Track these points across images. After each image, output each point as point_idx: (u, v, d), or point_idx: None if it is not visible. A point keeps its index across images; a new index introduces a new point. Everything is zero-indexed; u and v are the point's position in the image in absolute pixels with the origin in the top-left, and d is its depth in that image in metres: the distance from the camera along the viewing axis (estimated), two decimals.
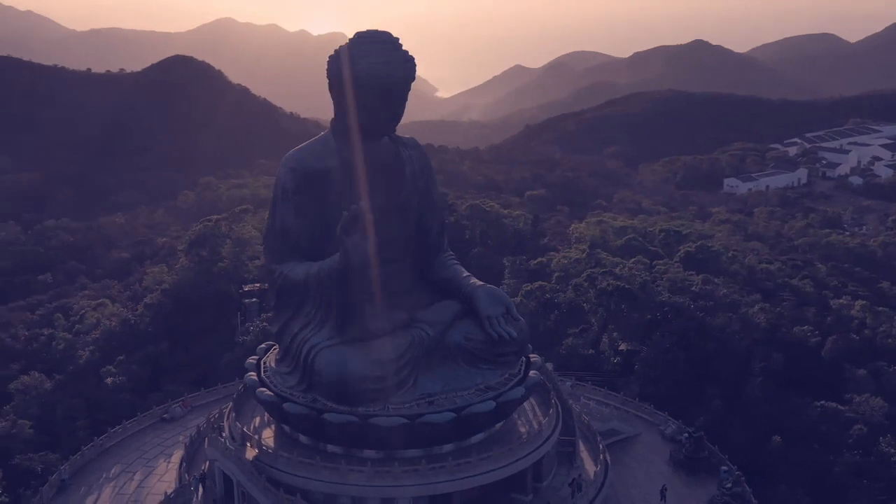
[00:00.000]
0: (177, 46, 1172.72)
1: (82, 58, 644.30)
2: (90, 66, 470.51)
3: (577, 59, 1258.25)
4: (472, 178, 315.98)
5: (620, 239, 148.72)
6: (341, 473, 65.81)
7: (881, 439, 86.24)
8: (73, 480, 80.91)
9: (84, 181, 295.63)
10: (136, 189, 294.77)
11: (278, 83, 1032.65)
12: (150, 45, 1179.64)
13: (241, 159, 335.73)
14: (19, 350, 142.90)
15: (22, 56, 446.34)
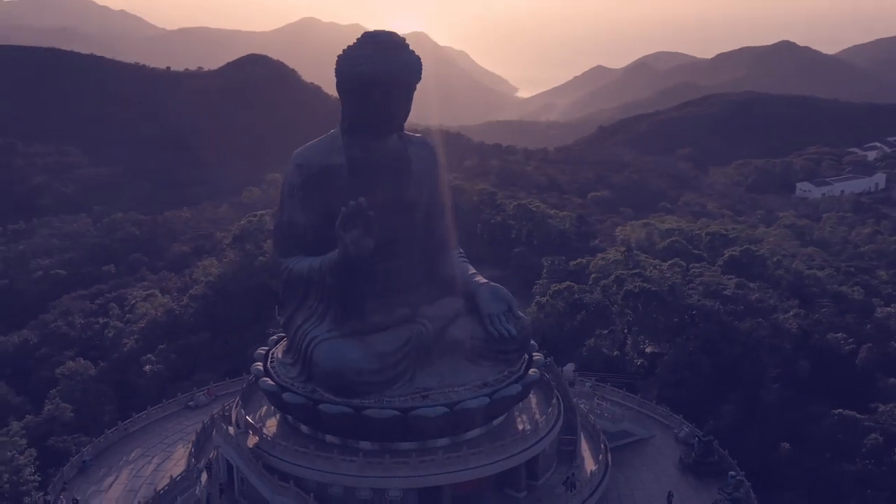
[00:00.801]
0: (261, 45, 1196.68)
1: (170, 56, 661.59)
2: (178, 64, 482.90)
3: (660, 59, 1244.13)
4: (535, 178, 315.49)
5: (665, 241, 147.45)
6: (334, 463, 67.41)
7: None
8: (95, 462, 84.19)
9: (157, 176, 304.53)
10: (205, 184, 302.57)
11: None
12: (236, 44, 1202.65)
13: None
14: (74, 337, 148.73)
15: (114, 54, 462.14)
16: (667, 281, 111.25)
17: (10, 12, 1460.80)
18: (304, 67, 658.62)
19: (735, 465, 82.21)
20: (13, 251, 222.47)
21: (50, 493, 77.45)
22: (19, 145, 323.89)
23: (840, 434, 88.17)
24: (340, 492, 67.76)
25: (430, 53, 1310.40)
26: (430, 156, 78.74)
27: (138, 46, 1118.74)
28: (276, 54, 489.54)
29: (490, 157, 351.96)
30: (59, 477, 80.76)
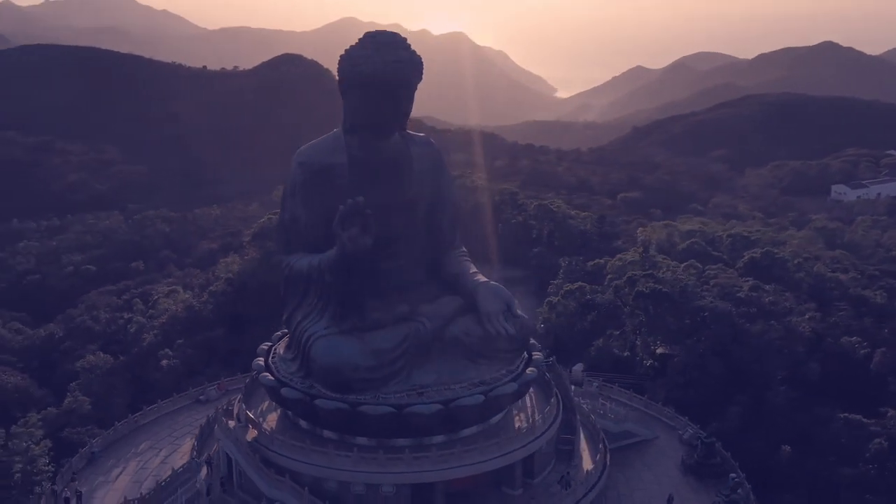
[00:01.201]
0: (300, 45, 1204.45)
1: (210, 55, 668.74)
2: (218, 63, 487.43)
3: (700, 60, 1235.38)
4: (565, 178, 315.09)
5: (684, 243, 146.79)
6: (329, 458, 68.24)
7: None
8: (104, 453, 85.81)
9: (190, 174, 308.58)
10: (237, 182, 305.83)
11: None
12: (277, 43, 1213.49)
13: None
14: (99, 332, 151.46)
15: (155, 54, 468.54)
16: (680, 282, 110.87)
17: (55, 12, 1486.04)
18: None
19: (737, 466, 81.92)
20: (46, 247, 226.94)
21: (58, 484, 79.03)
22: (57, 143, 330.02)
23: (844, 438, 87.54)
24: (335, 486, 68.53)
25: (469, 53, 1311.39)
26: (432, 155, 79.45)
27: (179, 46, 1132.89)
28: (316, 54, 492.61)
29: (521, 157, 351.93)
30: (67, 468, 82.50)
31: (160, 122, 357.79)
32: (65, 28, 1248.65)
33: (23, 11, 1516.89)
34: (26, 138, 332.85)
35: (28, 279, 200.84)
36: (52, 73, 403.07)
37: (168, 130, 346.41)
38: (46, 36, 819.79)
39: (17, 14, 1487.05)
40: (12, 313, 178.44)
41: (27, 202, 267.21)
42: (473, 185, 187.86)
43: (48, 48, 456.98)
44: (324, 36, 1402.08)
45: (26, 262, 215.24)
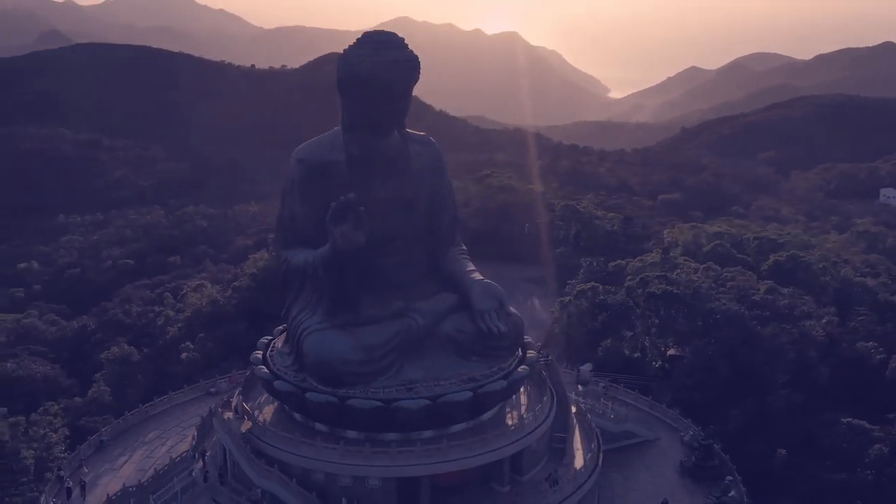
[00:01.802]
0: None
1: (264, 54, 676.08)
2: (272, 62, 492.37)
3: (757, 60, 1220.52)
4: (605, 179, 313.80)
5: (709, 245, 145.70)
6: (317, 450, 69.52)
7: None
8: (113, 442, 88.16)
9: (232, 171, 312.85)
10: (278, 180, 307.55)
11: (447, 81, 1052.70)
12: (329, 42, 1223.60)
13: None
14: (130, 324, 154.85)
15: (210, 53, 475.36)
16: (693, 284, 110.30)
17: (114, 12, 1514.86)
18: None
19: (733, 469, 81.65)
20: (88, 241, 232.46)
21: (64, 470, 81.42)
22: (105, 140, 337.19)
23: (846, 443, 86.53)
24: (322, 478, 69.74)
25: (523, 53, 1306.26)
26: (431, 154, 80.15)
27: (235, 45, 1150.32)
28: None
29: (563, 158, 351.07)
30: (75, 454, 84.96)
31: (205, 120, 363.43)
32: (123, 27, 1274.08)
33: (84, 11, 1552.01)
34: (76, 135, 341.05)
35: (69, 273, 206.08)
36: (103, 70, 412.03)
37: (212, 128, 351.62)
38: (105, 35, 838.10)
39: (78, 13, 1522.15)
40: (51, 305, 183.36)
41: (74, 198, 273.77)
42: (501, 185, 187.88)
43: (100, 47, 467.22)
44: None
45: (68, 256, 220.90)
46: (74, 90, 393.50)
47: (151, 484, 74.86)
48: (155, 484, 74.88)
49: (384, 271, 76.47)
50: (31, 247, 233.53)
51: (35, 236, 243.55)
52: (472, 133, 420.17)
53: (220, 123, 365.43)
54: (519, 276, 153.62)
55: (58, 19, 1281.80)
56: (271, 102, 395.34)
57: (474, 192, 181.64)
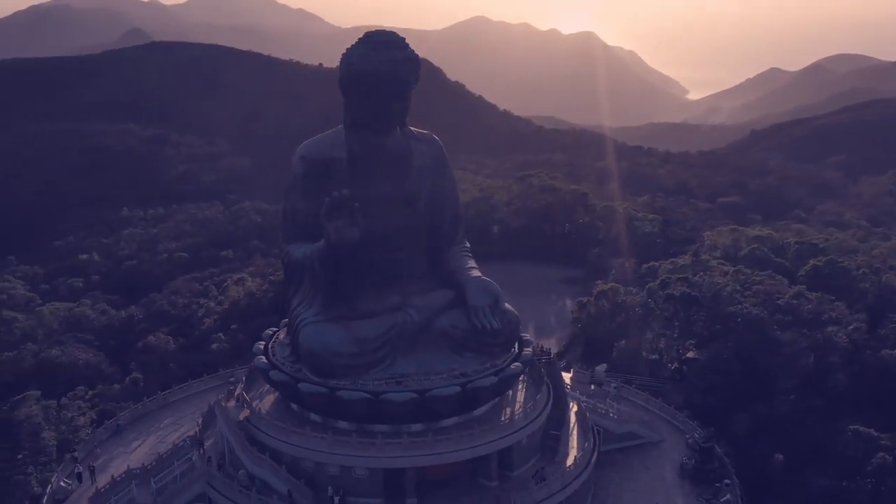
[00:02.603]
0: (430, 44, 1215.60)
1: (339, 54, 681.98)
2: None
3: (839, 62, 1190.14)
4: (664, 181, 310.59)
5: (746, 248, 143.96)
6: (306, 438, 71.40)
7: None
8: (129, 426, 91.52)
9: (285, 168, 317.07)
10: None
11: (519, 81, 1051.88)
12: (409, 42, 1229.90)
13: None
14: (174, 315, 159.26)
15: (285, 52, 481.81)
16: (714, 287, 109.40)
17: (197, 11, 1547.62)
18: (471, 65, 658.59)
19: (732, 472, 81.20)
20: (148, 235, 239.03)
21: (78, 452, 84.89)
22: (173, 136, 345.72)
23: (851, 451, 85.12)
24: (312, 466, 71.57)
25: (599, 54, 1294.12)
26: (433, 152, 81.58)
27: (312, 44, 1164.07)
28: (445, 53, 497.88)
29: (623, 159, 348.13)
30: (90, 438, 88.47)
31: (270, 117, 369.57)
32: (204, 26, 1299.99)
33: (167, 10, 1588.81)
34: (144, 130, 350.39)
35: (126, 264, 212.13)
36: (175, 68, 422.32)
37: (276, 125, 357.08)
38: (186, 33, 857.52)
39: (162, 13, 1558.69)
40: (106, 296, 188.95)
41: (139, 192, 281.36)
42: (542, 185, 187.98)
43: (174, 45, 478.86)
44: (454, 34, 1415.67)
45: (128, 249, 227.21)
46: (146, 87, 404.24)
47: (154, 467, 77.62)
48: (157, 467, 77.61)
49: (383, 267, 78.07)
50: (94, 238, 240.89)
51: (99, 228, 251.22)
52: (533, 133, 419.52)
53: (283, 120, 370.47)
54: (556, 275, 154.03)
55: (141, 18, 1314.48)
56: (333, 100, 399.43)
57: (516, 192, 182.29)
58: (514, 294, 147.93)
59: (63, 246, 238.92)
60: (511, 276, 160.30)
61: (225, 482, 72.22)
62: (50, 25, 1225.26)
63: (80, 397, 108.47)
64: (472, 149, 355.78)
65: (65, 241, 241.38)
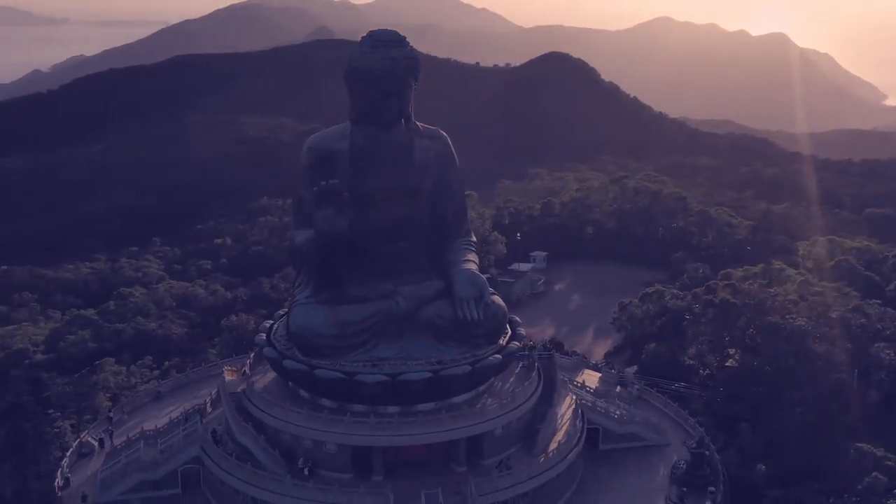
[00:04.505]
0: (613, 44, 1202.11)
1: (518, 53, 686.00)
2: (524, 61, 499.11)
3: None
4: (809, 189, 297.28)
5: (833, 260, 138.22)
6: (284, 412, 76.09)
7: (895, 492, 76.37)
8: (170, 394, 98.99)
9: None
10: (476, 176, 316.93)
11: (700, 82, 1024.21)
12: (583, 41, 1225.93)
13: (588, 154, 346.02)
14: (273, 298, 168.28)
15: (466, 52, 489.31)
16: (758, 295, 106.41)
17: (383, 10, 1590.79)
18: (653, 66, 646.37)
19: (720, 481, 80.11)
20: (281, 222, 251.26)
21: (113, 413, 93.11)
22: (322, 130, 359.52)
23: (851, 469, 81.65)
24: (289, 439, 76.20)
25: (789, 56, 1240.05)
26: (437, 147, 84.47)
27: (491, 43, 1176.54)
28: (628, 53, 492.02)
29: (774, 165, 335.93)
30: (128, 399, 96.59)
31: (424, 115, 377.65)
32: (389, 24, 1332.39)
33: (356, 9, 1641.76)
34: (298, 125, 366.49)
35: (252, 249, 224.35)
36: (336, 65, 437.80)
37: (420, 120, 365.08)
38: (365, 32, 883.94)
39: (352, 12, 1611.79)
40: (227, 277, 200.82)
41: (282, 182, 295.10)
42: (636, 187, 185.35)
43: (335, 43, 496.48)
44: (637, 35, 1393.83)
45: (258, 235, 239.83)
46: (303, 83, 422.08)
47: (165, 430, 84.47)
48: (167, 430, 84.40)
49: (381, 256, 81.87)
50: (232, 224, 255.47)
51: (237, 215, 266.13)
52: (687, 136, 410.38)
53: (436, 118, 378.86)
54: (639, 278, 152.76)
55: (330, 17, 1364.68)
56: (489, 99, 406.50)
57: (612, 193, 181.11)
58: (591, 294, 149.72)
59: (203, 230, 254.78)
60: (596, 276, 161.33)
61: (214, 448, 77.78)
62: (244, 23, 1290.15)
63: (147, 366, 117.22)
64: (618, 150, 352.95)
65: (205, 226, 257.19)
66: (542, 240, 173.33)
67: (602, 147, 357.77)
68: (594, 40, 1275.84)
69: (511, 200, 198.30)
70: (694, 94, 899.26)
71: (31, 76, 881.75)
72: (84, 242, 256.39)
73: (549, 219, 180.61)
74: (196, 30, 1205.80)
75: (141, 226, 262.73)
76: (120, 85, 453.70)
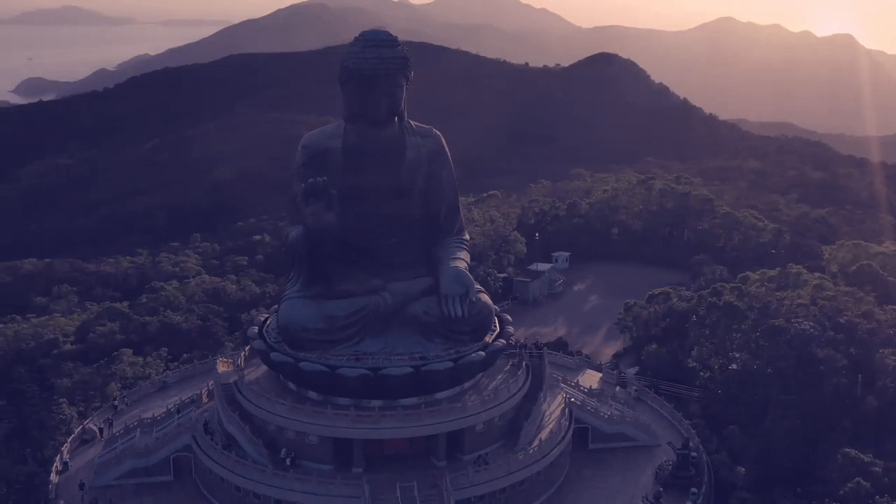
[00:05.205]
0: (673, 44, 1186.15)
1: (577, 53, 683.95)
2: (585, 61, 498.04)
3: None
4: (858, 194, 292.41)
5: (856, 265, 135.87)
6: (269, 403, 77.89)
7: (877, 498, 74.88)
8: (175, 384, 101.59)
9: (477, 164, 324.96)
10: (509, 175, 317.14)
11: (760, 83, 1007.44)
12: (642, 42, 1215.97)
13: (633, 156, 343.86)
14: None
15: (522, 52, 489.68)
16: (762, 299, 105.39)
17: (441, 10, 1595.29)
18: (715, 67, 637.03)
19: (703, 482, 79.90)
20: None
21: (118, 401, 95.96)
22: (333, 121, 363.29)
23: (835, 474, 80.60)
24: (274, 429, 77.99)
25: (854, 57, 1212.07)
26: (429, 146, 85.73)
27: (549, 43, 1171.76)
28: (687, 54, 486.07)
29: (822, 169, 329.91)
30: (135, 389, 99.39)
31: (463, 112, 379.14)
32: (447, 24, 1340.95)
33: (415, 9, 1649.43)
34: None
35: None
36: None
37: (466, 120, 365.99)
38: (427, 32, 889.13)
39: (411, 12, 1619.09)
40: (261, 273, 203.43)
41: None
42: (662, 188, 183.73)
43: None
44: (699, 35, 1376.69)
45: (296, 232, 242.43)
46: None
47: (162, 419, 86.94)
48: (164, 419, 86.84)
49: (372, 252, 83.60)
50: (272, 221, 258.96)
51: (279, 213, 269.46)
52: (738, 138, 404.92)
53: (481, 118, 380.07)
54: (658, 279, 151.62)
55: (389, 17, 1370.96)
56: (534, 100, 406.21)
57: (639, 195, 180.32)
58: (609, 295, 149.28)
59: (243, 226, 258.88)
60: (618, 278, 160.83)
61: (203, 436, 79.92)
62: (305, 23, 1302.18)
63: (162, 358, 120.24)
64: (664, 152, 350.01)
65: (245, 223, 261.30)
66: (567, 240, 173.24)
67: (648, 149, 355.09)
68: (653, 41, 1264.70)
69: (536, 200, 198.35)
70: (756, 96, 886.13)
71: (97, 75, 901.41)
72: (129, 238, 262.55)
73: (575, 219, 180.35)
74: (257, 29, 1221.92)
75: (184, 222, 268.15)
76: (173, 84, 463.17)
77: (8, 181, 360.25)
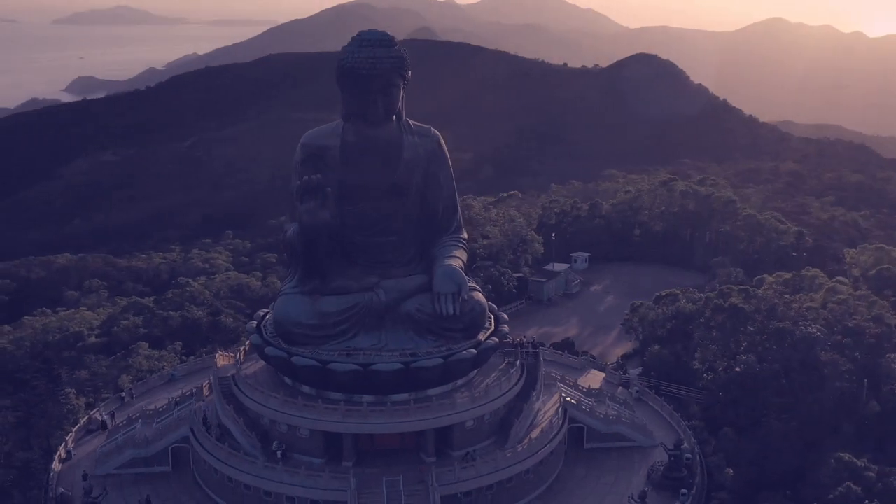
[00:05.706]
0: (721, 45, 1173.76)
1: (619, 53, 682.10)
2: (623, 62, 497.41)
3: None
4: (890, 194, 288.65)
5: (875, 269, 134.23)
6: (262, 396, 79.29)
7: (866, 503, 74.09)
8: (183, 378, 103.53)
9: (508, 163, 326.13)
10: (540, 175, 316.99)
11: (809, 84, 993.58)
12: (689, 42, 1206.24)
13: (669, 156, 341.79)
14: None
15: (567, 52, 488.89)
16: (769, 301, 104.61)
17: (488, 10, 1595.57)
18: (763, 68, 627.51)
19: (693, 484, 79.78)
20: None
21: (126, 394, 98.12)
22: None
23: (827, 478, 79.93)
24: (267, 422, 79.34)
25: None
26: (426, 145, 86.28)
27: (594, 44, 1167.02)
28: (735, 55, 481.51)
29: (860, 172, 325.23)
30: (143, 382, 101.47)
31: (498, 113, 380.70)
32: (492, 24, 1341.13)
33: (460, 9, 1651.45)
34: None
35: None
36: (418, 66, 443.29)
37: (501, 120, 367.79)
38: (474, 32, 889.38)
39: (457, 12, 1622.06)
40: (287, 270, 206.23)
41: None
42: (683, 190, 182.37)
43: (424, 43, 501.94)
44: (748, 36, 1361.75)
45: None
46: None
47: (163, 411, 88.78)
48: (165, 411, 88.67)
49: (369, 249, 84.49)
50: None
51: None
52: (777, 140, 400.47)
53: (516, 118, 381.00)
54: (676, 281, 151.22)
55: (435, 17, 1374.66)
56: (570, 100, 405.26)
57: (661, 196, 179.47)
58: (625, 296, 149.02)
59: (275, 224, 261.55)
60: (636, 279, 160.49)
61: (199, 428, 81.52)
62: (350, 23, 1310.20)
63: (176, 352, 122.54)
64: (701, 153, 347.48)
65: (277, 220, 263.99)
66: (588, 241, 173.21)
67: (685, 150, 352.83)
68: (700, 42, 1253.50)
69: (556, 201, 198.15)
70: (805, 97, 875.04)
71: (146, 74, 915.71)
72: (163, 233, 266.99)
73: (596, 220, 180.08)
74: (302, 29, 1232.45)
75: (218, 219, 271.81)
76: (213, 83, 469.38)
77: (53, 178, 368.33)
